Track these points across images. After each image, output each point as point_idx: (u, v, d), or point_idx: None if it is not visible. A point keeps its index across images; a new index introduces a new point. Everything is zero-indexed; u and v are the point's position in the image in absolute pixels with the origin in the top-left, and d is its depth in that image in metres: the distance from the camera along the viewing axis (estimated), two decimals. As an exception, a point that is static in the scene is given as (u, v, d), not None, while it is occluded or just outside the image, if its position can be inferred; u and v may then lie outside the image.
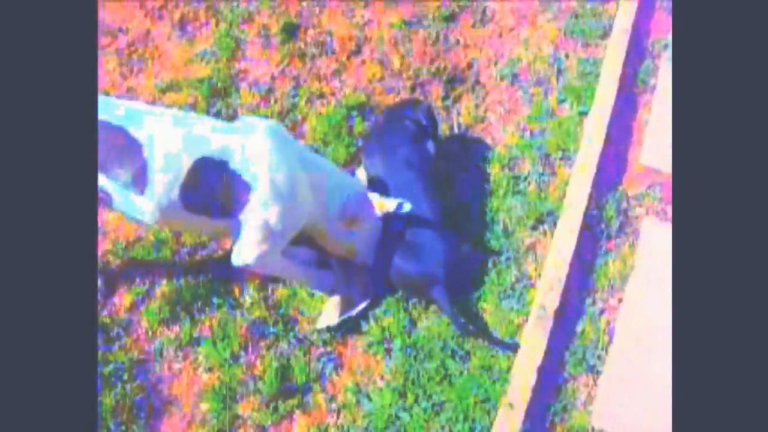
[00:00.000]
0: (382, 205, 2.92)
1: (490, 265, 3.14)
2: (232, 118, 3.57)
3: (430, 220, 3.04)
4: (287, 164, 2.70)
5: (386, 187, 3.08)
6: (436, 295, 2.96)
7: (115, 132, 2.61)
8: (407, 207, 2.90)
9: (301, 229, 2.88)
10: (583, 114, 3.57)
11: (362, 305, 3.02)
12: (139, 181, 2.64)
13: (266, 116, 3.54)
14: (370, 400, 2.86)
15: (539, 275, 3.11)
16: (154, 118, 2.69)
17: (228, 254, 3.11)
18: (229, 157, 2.67)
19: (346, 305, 3.01)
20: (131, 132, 2.61)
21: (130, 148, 2.61)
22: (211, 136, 2.70)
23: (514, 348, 2.92)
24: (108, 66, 3.79)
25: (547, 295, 3.03)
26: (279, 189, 2.68)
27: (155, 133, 2.64)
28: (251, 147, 2.69)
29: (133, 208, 2.71)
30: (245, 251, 2.79)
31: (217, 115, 3.57)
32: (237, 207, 2.71)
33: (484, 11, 4.02)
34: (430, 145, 3.34)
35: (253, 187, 2.67)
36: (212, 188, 2.68)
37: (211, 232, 3.02)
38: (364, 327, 3.01)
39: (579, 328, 3.03)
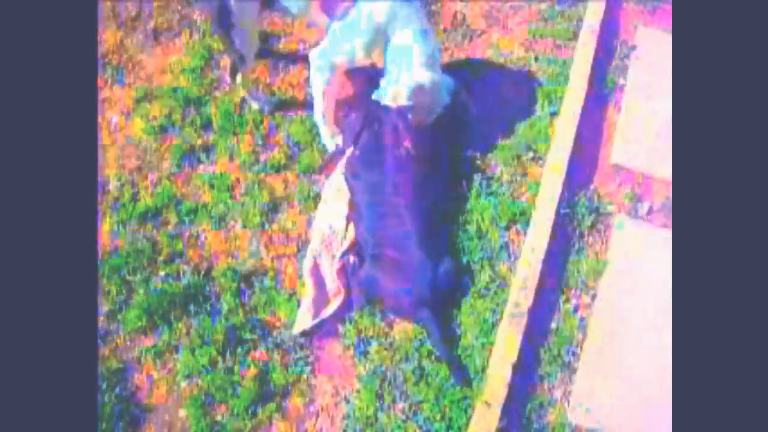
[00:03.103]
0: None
1: (464, 266, 3.17)
2: (206, 127, 3.60)
3: (417, 241, 3.07)
4: None
5: (372, 211, 3.17)
6: (422, 317, 2.98)
7: None
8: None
9: None
10: (554, 114, 3.62)
11: (334, 307, 3.05)
12: None
13: (240, 124, 3.58)
14: (348, 402, 2.89)
15: (513, 274, 3.15)
16: None
17: (203, 261, 3.15)
18: None
19: (319, 308, 3.04)
20: None
21: None
22: None
23: (468, 382, 2.91)
24: (82, 77, 3.80)
25: (520, 294, 3.06)
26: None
27: None
28: None
29: None
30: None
31: (192, 124, 3.60)
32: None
33: (455, 15, 4.06)
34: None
35: None
36: None
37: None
38: (341, 330, 3.03)
39: (553, 326, 3.08)
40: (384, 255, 3.06)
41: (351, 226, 3.24)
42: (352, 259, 3.14)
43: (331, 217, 3.27)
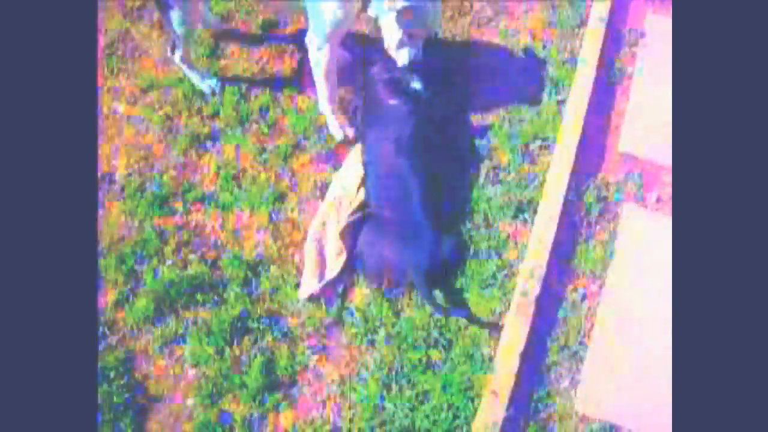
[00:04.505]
0: None
1: (471, 254, 3.16)
2: (212, 116, 3.59)
3: (417, 203, 3.09)
4: None
5: (375, 171, 3.21)
6: (414, 278, 2.99)
7: None
8: None
9: None
10: (562, 102, 3.60)
11: (338, 267, 3.07)
12: None
13: (246, 113, 3.58)
14: (355, 391, 2.89)
15: (520, 263, 3.14)
16: None
17: (210, 251, 3.14)
18: None
19: (323, 270, 3.07)
20: None
21: None
22: None
23: (496, 328, 2.94)
24: (88, 67, 3.79)
25: (528, 283, 3.05)
26: None
27: None
28: None
29: None
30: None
31: (198, 113, 3.59)
32: None
33: (461, 2, 4.03)
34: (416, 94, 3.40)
35: None
36: None
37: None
38: (348, 318, 3.03)
39: (561, 315, 3.06)
40: (383, 216, 3.09)
41: (362, 189, 3.26)
42: (359, 215, 3.18)
43: (345, 179, 3.29)
